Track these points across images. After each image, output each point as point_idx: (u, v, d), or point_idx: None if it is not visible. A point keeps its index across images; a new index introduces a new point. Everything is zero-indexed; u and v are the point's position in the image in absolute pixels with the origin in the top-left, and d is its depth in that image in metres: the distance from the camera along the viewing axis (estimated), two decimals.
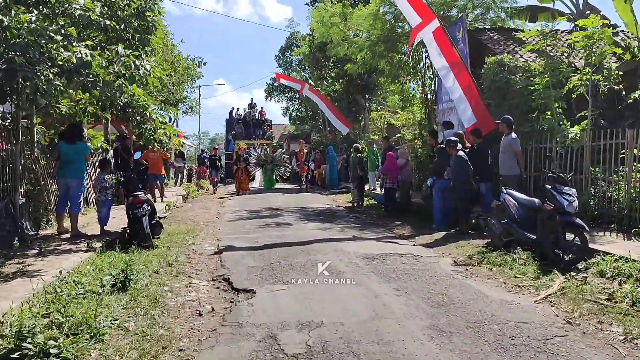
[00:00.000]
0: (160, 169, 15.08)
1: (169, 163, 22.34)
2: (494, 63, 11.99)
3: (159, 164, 14.99)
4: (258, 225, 10.81)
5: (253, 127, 32.53)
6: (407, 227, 10.65)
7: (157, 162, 14.93)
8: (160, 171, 15.12)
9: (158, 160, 14.97)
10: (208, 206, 15.00)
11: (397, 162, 12.97)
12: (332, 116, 23.94)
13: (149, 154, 14.64)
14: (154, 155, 14.72)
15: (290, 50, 35.87)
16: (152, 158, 14.75)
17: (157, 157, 14.88)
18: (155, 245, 7.94)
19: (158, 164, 14.95)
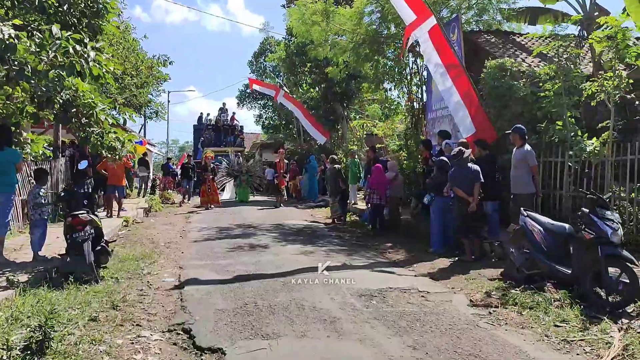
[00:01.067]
0: (120, 179, 13.37)
1: (131, 172, 20.56)
2: (494, 67, 10.79)
3: (119, 174, 13.29)
4: (229, 247, 9.28)
5: (224, 133, 30.66)
6: (400, 251, 9.28)
7: (118, 171, 13.22)
8: (121, 182, 13.41)
9: (119, 170, 13.26)
10: (172, 221, 13.36)
11: (385, 175, 11.64)
12: (308, 125, 22.57)
13: (108, 163, 12.94)
14: (114, 163, 13.03)
15: (264, 56, 34.41)
16: (112, 167, 13.06)
17: (118, 167, 13.19)
18: (99, 277, 6.35)
19: (118, 173, 13.25)
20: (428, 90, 14.22)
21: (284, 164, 18.21)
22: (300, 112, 22.58)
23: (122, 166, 13.43)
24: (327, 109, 23.47)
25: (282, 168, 17.85)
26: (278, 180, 17.92)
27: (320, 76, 22.68)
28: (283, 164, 18.10)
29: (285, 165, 18.18)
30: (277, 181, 18.04)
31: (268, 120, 37.26)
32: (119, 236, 10.36)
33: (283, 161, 18.15)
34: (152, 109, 17.23)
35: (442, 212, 9.13)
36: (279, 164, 17.92)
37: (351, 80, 21.83)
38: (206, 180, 17.12)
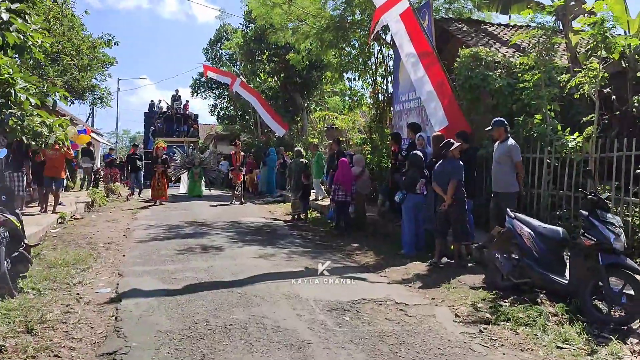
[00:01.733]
0: (59, 171, 11.98)
1: (73, 163, 19.02)
2: (468, 56, 10.16)
3: (58, 165, 11.91)
4: (178, 249, 8.24)
5: (176, 122, 28.88)
6: (369, 253, 8.48)
7: (57, 162, 11.83)
8: (60, 173, 12.04)
9: (58, 161, 11.88)
10: (116, 218, 12.13)
11: (351, 170, 10.84)
12: (266, 116, 21.55)
13: (47, 152, 11.56)
14: (52, 154, 11.67)
15: (220, 44, 32.98)
16: (51, 157, 11.69)
17: (58, 157, 11.83)
18: (16, 290, 5.25)
19: (57, 164, 11.87)
20: (395, 81, 13.50)
21: (241, 156, 16.87)
22: (258, 102, 21.52)
23: (62, 157, 12.09)
24: (287, 99, 22.49)
25: (238, 161, 16.45)
26: (233, 174, 16.51)
27: (280, 65, 21.68)
28: (239, 156, 16.63)
29: (242, 158, 16.94)
30: (232, 175, 16.68)
31: (223, 110, 35.85)
32: (51, 235, 9.14)
33: (239, 154, 16.72)
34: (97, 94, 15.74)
35: (415, 212, 8.40)
36: (235, 157, 16.57)
37: (312, 70, 20.94)
38: (156, 173, 15.77)
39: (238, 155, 16.26)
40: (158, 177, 15.68)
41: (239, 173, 16.33)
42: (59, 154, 11.80)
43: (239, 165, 16.31)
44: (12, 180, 10.77)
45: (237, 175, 16.13)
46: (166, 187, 15.94)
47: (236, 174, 16.22)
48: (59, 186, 12.17)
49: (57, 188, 12.04)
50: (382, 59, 15.09)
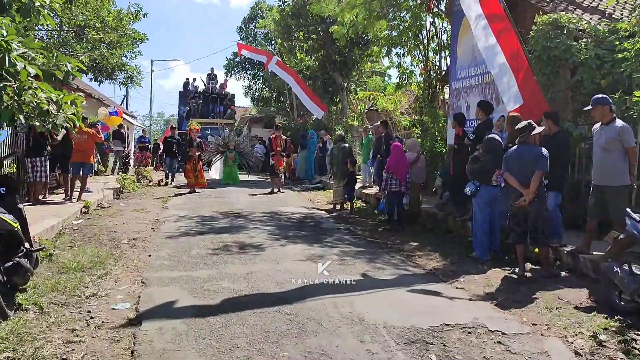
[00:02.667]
0: (88, 155, 11.06)
1: (104, 146, 18.22)
2: (546, 24, 8.67)
3: (87, 149, 11.00)
4: (212, 247, 7.13)
5: (212, 102, 27.34)
6: (433, 255, 7.21)
7: (85, 146, 10.94)
8: (89, 158, 11.13)
9: (86, 145, 11.00)
10: (146, 207, 11.14)
11: (405, 156, 9.53)
12: (304, 97, 20.25)
13: (74, 135, 10.67)
14: (80, 137, 10.75)
15: (254, 22, 31.73)
16: (79, 141, 10.78)
17: (86, 140, 10.91)
18: (13, 308, 4.21)
19: (85, 148, 10.97)
20: (452, 56, 12.04)
21: (282, 140, 15.06)
22: (295, 82, 20.23)
23: (91, 140, 11.19)
24: (325, 79, 21.16)
25: (279, 145, 14.69)
26: (275, 160, 14.58)
27: (319, 42, 20.33)
28: (280, 140, 14.81)
29: (284, 142, 15.25)
30: (273, 161, 14.73)
31: (258, 92, 34.73)
32: (72, 228, 8.16)
33: (281, 137, 14.93)
34: (127, 73, 14.76)
35: (489, 207, 7.08)
36: (276, 141, 14.79)
37: (354, 48, 19.53)
38: (191, 158, 14.57)
39: (279, 139, 14.71)
40: (194, 163, 14.44)
41: (281, 159, 14.86)
42: (87, 137, 10.91)
43: (281, 150, 14.76)
44: (33, 166, 9.90)
45: (278, 161, 14.63)
46: (202, 173, 14.81)
47: (277, 159, 14.63)
48: (87, 172, 11.25)
49: (85, 174, 11.12)
50: (434, 32, 13.60)
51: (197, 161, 14.55)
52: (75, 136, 10.69)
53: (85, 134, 10.77)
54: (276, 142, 14.61)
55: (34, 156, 9.91)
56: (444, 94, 14.31)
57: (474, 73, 10.95)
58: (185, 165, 14.81)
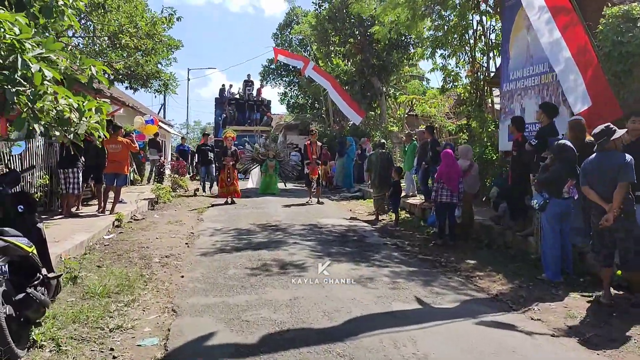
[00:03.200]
0: (122, 166, 10.68)
1: (140, 155, 17.98)
2: (617, 16, 7.79)
3: (121, 160, 10.60)
4: (250, 267, 6.51)
5: (248, 109, 26.74)
6: (496, 276, 6.41)
7: (119, 156, 10.55)
8: (123, 169, 10.74)
9: (121, 155, 10.61)
10: (181, 219, 10.67)
11: (458, 164, 8.75)
12: (341, 102, 19.59)
13: (110, 145, 10.33)
14: (115, 148, 10.40)
15: (289, 28, 31.35)
16: (113, 151, 10.43)
17: (120, 150, 10.53)
18: (28, 343, 3.67)
19: (120, 159, 10.58)
20: (503, 56, 11.18)
21: (317, 147, 14.24)
22: (332, 87, 19.59)
23: (126, 150, 10.78)
24: (363, 84, 20.46)
25: (314, 153, 13.91)
26: (310, 168, 13.79)
27: (356, 46, 19.66)
28: (316, 147, 14.03)
29: (319, 149, 14.45)
30: (307, 170, 13.98)
31: (294, 99, 34.28)
32: (102, 244, 7.71)
33: (316, 144, 14.12)
34: (162, 80, 14.41)
35: (560, 222, 6.25)
36: (311, 148, 13.98)
37: (392, 51, 18.79)
38: (225, 167, 13.83)
39: (314, 146, 14.04)
40: (228, 172, 13.70)
41: (316, 167, 14.03)
42: (121, 147, 10.53)
43: (316, 158, 14.07)
44: (66, 177, 9.55)
45: (313, 170, 13.83)
46: (237, 183, 14.01)
47: (313, 168, 13.83)
48: (121, 183, 10.88)
49: (119, 185, 10.76)
50: (482, 31, 12.75)
51: (232, 170, 13.81)
52: (110, 146, 10.36)
53: (120, 143, 10.40)
54: (311, 148, 13.85)
55: (66, 167, 9.57)
56: (492, 96, 13.43)
57: (529, 73, 10.08)
58: (219, 174, 14.18)
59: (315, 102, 30.44)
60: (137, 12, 11.74)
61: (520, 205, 8.21)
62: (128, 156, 11.14)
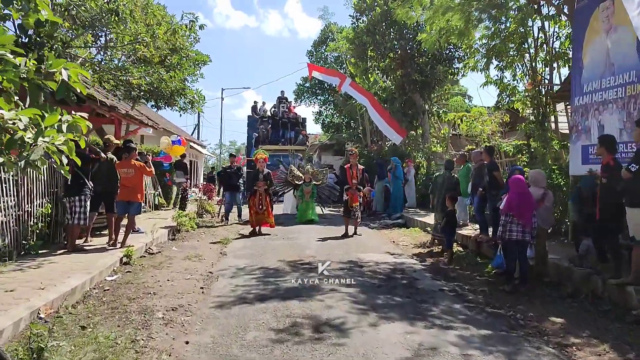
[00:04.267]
0: (135, 193, 9.33)
1: (166, 178, 16.94)
2: None
3: (134, 186, 9.29)
4: (275, 327, 5.09)
5: (282, 127, 25.03)
6: (600, 346, 4.81)
7: (132, 182, 9.25)
8: (136, 196, 9.38)
9: (134, 180, 9.29)
10: (201, 253, 9.39)
11: (530, 193, 7.19)
12: (381, 121, 18.22)
13: (122, 169, 9.20)
14: (127, 172, 9.22)
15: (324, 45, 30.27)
16: (126, 176, 9.25)
17: (133, 175, 9.27)
18: None
19: (133, 184, 9.27)
20: (574, 64, 9.59)
21: (359, 170, 11.97)
22: (370, 104, 18.26)
23: (140, 174, 9.52)
24: (404, 102, 19.02)
25: (354, 177, 11.70)
26: (349, 195, 11.69)
27: (397, 61, 18.29)
28: (356, 170, 11.84)
29: (360, 172, 12.04)
30: (347, 196, 11.86)
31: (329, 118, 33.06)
32: (102, 288, 6.44)
33: (356, 167, 11.94)
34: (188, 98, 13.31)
35: None
36: (351, 171, 11.83)
37: (437, 65, 17.34)
38: (256, 193, 12.05)
39: (355, 169, 11.98)
40: (260, 198, 11.96)
41: (356, 194, 11.83)
42: (134, 172, 9.31)
43: (357, 182, 11.88)
44: (72, 207, 8.41)
45: (353, 197, 11.73)
46: (270, 210, 12.19)
47: (353, 194, 11.72)
48: (135, 212, 9.63)
49: (133, 214, 9.56)
50: (544, 39, 11.20)
51: (264, 196, 12.02)
52: (122, 171, 9.19)
53: (133, 167, 9.20)
54: (351, 172, 11.98)
55: (72, 195, 8.44)
56: (555, 112, 11.81)
57: (609, 84, 8.48)
58: (249, 200, 12.28)
59: (351, 121, 29.15)
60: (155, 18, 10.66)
61: (612, 244, 6.60)
62: (142, 181, 9.89)
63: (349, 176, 11.91)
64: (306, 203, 14.32)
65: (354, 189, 11.82)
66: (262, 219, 12.04)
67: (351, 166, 12.08)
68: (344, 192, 12.16)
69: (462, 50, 16.61)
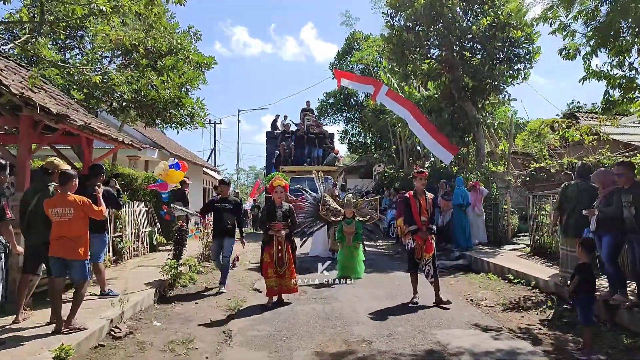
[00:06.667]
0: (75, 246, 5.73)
1: (163, 212, 13.74)
2: None
3: (74, 235, 5.74)
4: None
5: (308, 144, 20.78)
6: None
7: (69, 228, 5.70)
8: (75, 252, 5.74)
9: (74, 227, 5.74)
10: (192, 333, 6.14)
11: None
12: (426, 136, 14.96)
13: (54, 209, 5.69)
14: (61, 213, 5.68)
15: (349, 55, 27.26)
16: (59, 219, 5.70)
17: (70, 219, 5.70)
18: None
19: (72, 233, 5.73)
20: None
21: (427, 201, 7.81)
22: (413, 116, 15.05)
23: (80, 217, 5.82)
24: (453, 113, 15.76)
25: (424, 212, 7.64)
26: (418, 240, 7.61)
27: (443, 64, 15.09)
28: (425, 200, 7.75)
29: (430, 204, 7.84)
30: (407, 242, 7.80)
31: (355, 137, 29.87)
32: None
33: (424, 195, 7.83)
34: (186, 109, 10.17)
35: None
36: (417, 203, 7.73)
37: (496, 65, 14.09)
38: (273, 240, 7.79)
39: (422, 198, 7.78)
40: (278, 248, 7.73)
41: (428, 239, 7.64)
42: (74, 213, 5.77)
43: (427, 220, 7.71)
44: None
45: (426, 243, 7.62)
46: (293, 267, 7.90)
47: (422, 239, 7.62)
48: (80, 277, 5.91)
49: (77, 280, 6.11)
50: None
51: (286, 246, 7.78)
52: (51, 212, 5.77)
53: (70, 205, 5.74)
54: (417, 204, 7.70)
55: None
56: None
57: None
58: (263, 253, 7.85)
59: (383, 140, 25.92)
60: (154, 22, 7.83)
61: None
62: (85, 227, 5.96)
63: (414, 210, 7.71)
64: (348, 249, 9.61)
65: (425, 231, 7.65)
66: (285, 284, 7.77)
67: (416, 194, 7.82)
68: (405, 238, 8.11)
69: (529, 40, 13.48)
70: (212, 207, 9.01)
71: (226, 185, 9.20)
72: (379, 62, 23.93)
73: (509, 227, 13.07)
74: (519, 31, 13.86)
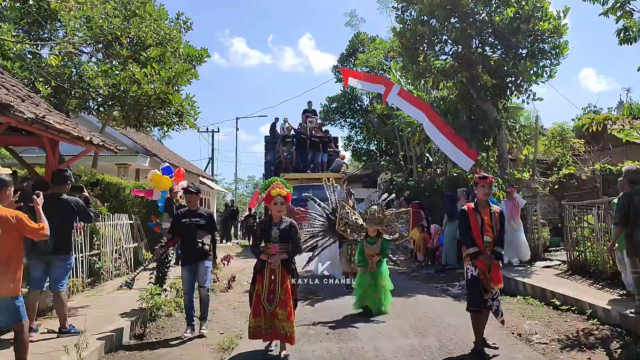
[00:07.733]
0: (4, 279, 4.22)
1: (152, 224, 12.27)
2: None
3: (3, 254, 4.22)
4: None
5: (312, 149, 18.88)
6: None
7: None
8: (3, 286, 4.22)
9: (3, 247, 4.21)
10: None
11: None
12: (443, 140, 13.56)
13: None
14: None
15: (354, 58, 25.91)
16: None
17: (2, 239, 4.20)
18: None
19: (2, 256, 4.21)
20: None
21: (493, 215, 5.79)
22: (428, 119, 13.64)
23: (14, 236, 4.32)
24: (471, 114, 14.36)
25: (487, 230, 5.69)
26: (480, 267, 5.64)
27: (459, 60, 13.71)
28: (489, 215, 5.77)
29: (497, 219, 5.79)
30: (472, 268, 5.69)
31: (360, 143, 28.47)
32: None
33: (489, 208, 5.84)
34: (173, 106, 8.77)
35: None
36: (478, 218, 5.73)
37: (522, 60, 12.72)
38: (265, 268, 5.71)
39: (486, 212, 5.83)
40: (272, 280, 5.65)
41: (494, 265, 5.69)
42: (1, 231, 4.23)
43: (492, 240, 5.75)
44: None
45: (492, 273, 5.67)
46: (292, 308, 5.71)
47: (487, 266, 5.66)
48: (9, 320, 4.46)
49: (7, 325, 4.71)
50: None
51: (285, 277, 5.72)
52: None
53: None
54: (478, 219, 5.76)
55: None
56: None
57: None
58: (253, 286, 5.87)
59: (390, 146, 24.55)
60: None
61: None
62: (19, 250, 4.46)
63: (474, 228, 5.72)
64: (372, 275, 7.73)
65: (489, 254, 5.71)
66: (278, 328, 5.61)
67: (477, 206, 5.87)
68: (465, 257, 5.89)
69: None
70: (179, 224, 6.76)
71: (194, 194, 6.92)
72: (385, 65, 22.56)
73: (540, 241, 11.60)
74: (546, 23, 12.49)
